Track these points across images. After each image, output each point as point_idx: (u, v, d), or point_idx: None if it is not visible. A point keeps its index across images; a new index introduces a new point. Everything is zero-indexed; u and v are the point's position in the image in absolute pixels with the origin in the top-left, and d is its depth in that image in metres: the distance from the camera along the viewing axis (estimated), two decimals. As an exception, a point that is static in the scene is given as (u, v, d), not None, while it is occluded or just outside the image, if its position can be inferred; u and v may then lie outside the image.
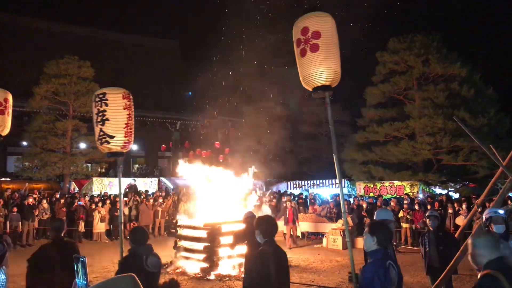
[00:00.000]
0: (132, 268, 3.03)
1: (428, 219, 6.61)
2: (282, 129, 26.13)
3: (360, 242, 13.55)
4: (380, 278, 3.09)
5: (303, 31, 4.79)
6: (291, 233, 14.34)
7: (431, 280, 6.41)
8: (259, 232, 3.96)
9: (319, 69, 4.76)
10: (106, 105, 5.73)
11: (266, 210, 14.38)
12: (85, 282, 2.41)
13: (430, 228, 6.52)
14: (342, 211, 4.93)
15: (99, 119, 5.74)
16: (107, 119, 5.73)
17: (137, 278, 1.78)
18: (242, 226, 10.13)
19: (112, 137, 5.77)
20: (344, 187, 22.70)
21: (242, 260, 9.44)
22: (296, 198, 18.73)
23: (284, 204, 14.98)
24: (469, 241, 3.14)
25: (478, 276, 2.89)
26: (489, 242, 2.95)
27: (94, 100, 5.77)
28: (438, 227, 6.53)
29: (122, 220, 6.30)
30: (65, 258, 4.05)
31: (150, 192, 20.13)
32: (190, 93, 27.09)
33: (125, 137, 5.87)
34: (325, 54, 4.72)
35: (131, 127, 5.94)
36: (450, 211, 13.92)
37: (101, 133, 5.76)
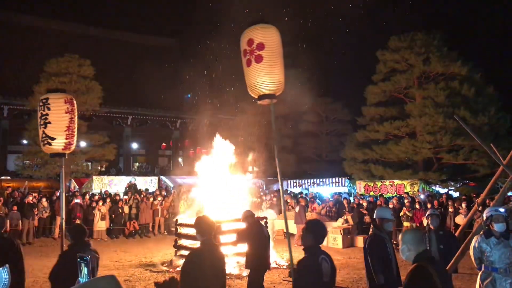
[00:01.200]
0: (70, 262, 3.30)
1: (428, 218, 6.59)
2: (283, 127, 26.19)
3: (360, 240, 13.55)
4: (312, 271, 3.38)
5: (248, 42, 5.06)
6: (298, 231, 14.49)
7: None
8: (197, 232, 4.06)
9: (263, 79, 5.02)
10: (49, 109, 6.17)
11: (270, 212, 14.34)
12: None
13: (431, 227, 6.50)
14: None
15: (42, 122, 6.19)
16: (49, 122, 6.18)
17: (117, 279, 1.76)
18: (242, 224, 10.15)
19: (53, 139, 6.22)
20: (345, 185, 22.69)
21: (242, 259, 9.44)
22: (297, 197, 18.71)
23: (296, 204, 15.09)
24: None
25: (410, 269, 3.11)
26: (416, 238, 3.20)
27: (39, 104, 6.26)
28: (439, 226, 6.52)
29: (64, 217, 6.98)
30: (1, 254, 4.35)
31: (150, 191, 20.11)
32: (189, 95, 27.07)
33: (66, 139, 6.29)
34: (269, 65, 4.99)
35: (72, 130, 6.35)
36: (450, 210, 13.90)
37: (44, 135, 6.24)
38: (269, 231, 9.45)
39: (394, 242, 9.03)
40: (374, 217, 5.30)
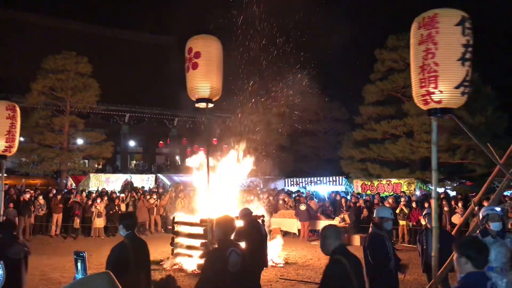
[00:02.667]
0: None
1: (425, 217, 6.63)
2: (280, 126, 26.17)
3: (357, 239, 13.57)
4: (219, 261, 3.71)
5: (188, 50, 5.60)
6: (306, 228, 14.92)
7: (427, 278, 6.43)
8: (122, 227, 4.41)
9: (199, 84, 5.52)
10: None
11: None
12: None
13: (428, 225, 6.54)
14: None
15: None
16: None
17: (112, 275, 1.75)
18: (239, 223, 10.15)
19: None
20: (342, 184, 22.73)
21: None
22: (294, 196, 18.73)
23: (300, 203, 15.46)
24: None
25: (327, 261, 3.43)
26: (334, 233, 3.51)
27: None
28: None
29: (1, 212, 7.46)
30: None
31: (146, 189, 20.09)
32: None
33: (6, 142, 6.90)
34: (205, 72, 5.46)
35: (13, 134, 6.96)
36: (445, 209, 13.95)
37: None
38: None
39: (392, 240, 9.06)
40: (374, 216, 5.32)
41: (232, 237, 4.05)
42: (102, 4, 50.73)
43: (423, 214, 6.90)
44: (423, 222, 13.38)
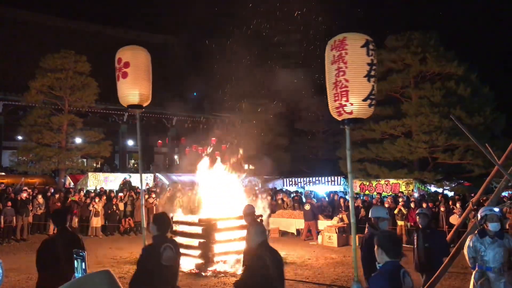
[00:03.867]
0: None
1: (418, 217, 6.68)
2: (279, 126, 26.17)
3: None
4: (153, 255, 3.96)
5: (118, 60, 6.08)
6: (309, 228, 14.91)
7: (421, 276, 6.48)
8: (52, 222, 4.76)
9: (129, 92, 5.92)
10: None
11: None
12: None
13: (420, 225, 6.60)
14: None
15: None
16: None
17: (112, 274, 1.75)
18: (237, 222, 10.16)
19: None
20: (340, 184, 22.74)
21: (238, 257, 9.45)
22: (292, 195, 18.74)
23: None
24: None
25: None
26: (259, 230, 3.94)
27: None
28: (427, 224, 6.62)
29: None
30: None
31: (144, 188, 20.05)
32: (195, 93, 27.07)
33: None
34: (133, 81, 5.86)
35: None
36: (442, 209, 13.98)
37: None
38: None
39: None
40: (370, 216, 5.33)
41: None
42: (101, 3, 50.64)
43: (416, 213, 6.95)
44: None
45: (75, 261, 2.44)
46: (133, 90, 5.89)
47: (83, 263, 2.36)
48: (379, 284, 3.23)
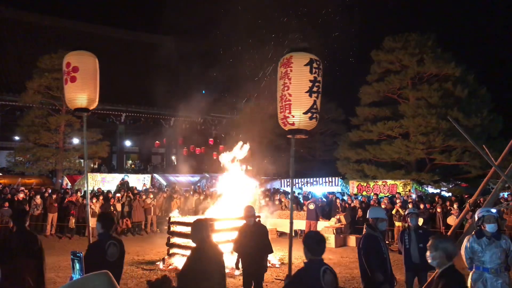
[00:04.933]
0: None
1: (408, 217, 6.69)
2: (277, 126, 26.21)
3: (352, 240, 13.61)
4: (98, 252, 4.27)
5: (67, 65, 6.16)
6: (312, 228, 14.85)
7: (410, 277, 6.47)
8: (13, 222, 5.18)
9: (76, 95, 6.08)
10: None
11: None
12: None
13: (410, 225, 6.62)
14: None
15: None
16: None
17: (111, 275, 1.75)
18: (235, 223, 10.15)
19: None
20: (338, 185, 22.75)
21: (235, 258, 9.43)
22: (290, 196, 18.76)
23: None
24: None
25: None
26: (200, 226, 4.11)
27: None
28: (418, 225, 6.67)
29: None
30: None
31: (140, 189, 20.02)
32: (203, 91, 27.07)
33: None
34: (81, 85, 6.04)
35: None
36: (438, 210, 14.00)
37: None
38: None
39: (387, 241, 9.10)
40: (368, 216, 5.32)
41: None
42: (99, 3, 50.59)
43: (406, 213, 6.99)
44: (419, 223, 13.47)
45: (72, 262, 2.44)
46: (81, 94, 6.07)
47: (80, 264, 2.36)
48: (301, 279, 3.48)
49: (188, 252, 9.82)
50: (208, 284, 3.81)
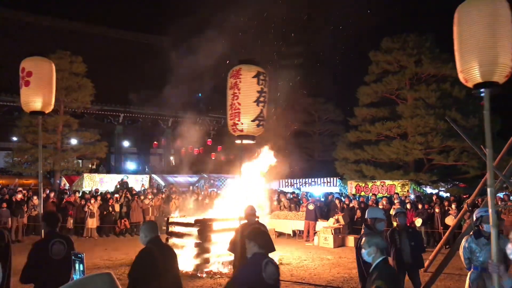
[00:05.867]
0: None
1: (397, 217, 6.67)
2: (277, 127, 26.19)
3: (351, 240, 13.61)
4: (41, 251, 4.27)
5: (22, 70, 6.32)
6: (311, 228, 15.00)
7: (400, 277, 6.46)
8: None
9: (31, 99, 6.29)
10: None
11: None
12: None
13: (398, 223, 6.62)
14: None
15: None
16: None
17: (114, 276, 1.75)
18: (235, 223, 10.14)
19: None
20: (336, 185, 22.76)
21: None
22: (290, 196, 18.75)
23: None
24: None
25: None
26: (151, 227, 4.23)
27: None
28: (406, 223, 6.72)
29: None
30: None
31: (137, 190, 19.99)
32: (200, 94, 27.04)
33: None
34: (35, 89, 6.24)
35: None
36: (437, 210, 14.02)
37: None
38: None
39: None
40: (366, 216, 5.33)
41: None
42: (97, 4, 50.56)
43: (394, 213, 7.02)
44: (417, 224, 13.49)
45: (73, 263, 2.44)
46: (36, 97, 6.28)
47: (81, 265, 2.36)
48: (244, 272, 3.72)
49: (183, 252, 9.85)
50: (161, 284, 3.92)
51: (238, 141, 5.86)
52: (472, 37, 3.76)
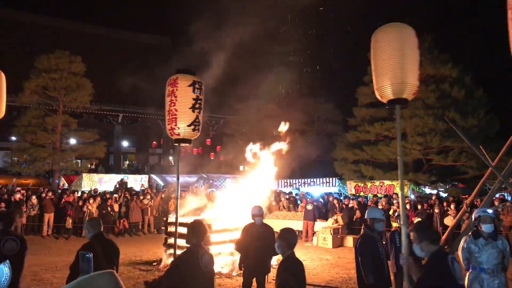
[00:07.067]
0: None
1: (398, 218, 6.72)
2: (273, 126, 26.21)
3: (350, 240, 13.62)
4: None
5: None
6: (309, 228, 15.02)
7: (399, 277, 6.46)
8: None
9: None
10: None
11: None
12: None
13: (399, 225, 6.65)
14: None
15: None
16: None
17: (116, 275, 1.74)
18: (238, 222, 10.15)
19: None
20: (335, 186, 22.75)
21: (233, 258, 9.45)
22: (287, 197, 18.75)
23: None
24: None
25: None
26: (94, 224, 4.68)
27: None
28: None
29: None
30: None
31: (138, 190, 19.99)
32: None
33: None
34: None
35: None
36: (436, 211, 14.03)
37: None
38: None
39: (384, 242, 9.10)
40: (366, 217, 5.34)
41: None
42: (96, 4, 50.50)
43: (396, 215, 7.06)
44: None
45: (81, 263, 2.45)
46: None
47: (89, 265, 2.36)
48: (183, 261, 3.99)
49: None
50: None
51: (176, 144, 6.35)
52: (385, 60, 4.44)
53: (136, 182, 22.17)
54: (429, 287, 3.33)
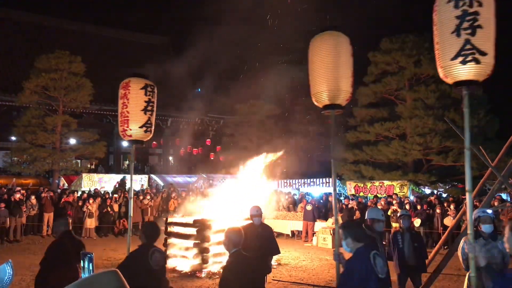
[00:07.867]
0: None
1: (400, 219, 6.74)
2: (273, 127, 26.21)
3: (349, 241, 13.61)
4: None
5: None
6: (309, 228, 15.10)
7: (403, 278, 6.47)
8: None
9: None
10: None
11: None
12: None
13: (402, 226, 6.66)
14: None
15: None
16: None
17: (120, 274, 1.73)
18: (237, 222, 10.13)
19: None
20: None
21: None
22: (287, 197, 18.78)
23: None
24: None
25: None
26: (63, 223, 5.05)
27: None
28: (410, 226, 6.79)
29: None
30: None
31: (137, 190, 19.98)
32: (199, 89, 27.04)
33: None
34: None
35: None
36: (438, 211, 14.03)
37: None
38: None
39: (384, 242, 9.10)
40: (366, 217, 5.34)
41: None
42: (96, 4, 50.49)
43: (398, 216, 7.09)
44: (416, 224, 13.50)
45: (82, 262, 2.45)
46: None
47: (91, 264, 2.37)
48: (132, 260, 4.20)
49: (182, 253, 9.84)
50: (72, 269, 4.64)
51: (127, 145, 6.55)
52: (321, 67, 4.66)
53: (136, 182, 22.17)
54: (352, 281, 3.58)
